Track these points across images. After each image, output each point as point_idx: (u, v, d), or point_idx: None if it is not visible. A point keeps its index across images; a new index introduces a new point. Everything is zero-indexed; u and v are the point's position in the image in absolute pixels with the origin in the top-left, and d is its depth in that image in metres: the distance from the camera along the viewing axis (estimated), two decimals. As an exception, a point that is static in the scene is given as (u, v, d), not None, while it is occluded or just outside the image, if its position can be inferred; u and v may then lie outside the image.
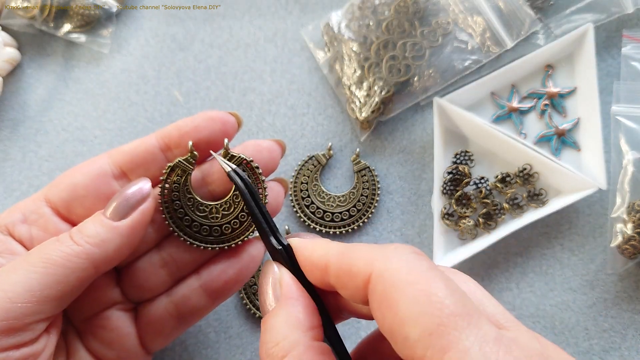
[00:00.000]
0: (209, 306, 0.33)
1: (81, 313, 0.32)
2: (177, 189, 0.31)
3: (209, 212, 0.31)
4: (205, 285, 0.32)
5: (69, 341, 0.31)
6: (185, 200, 0.31)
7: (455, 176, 0.41)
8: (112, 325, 0.32)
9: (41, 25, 0.45)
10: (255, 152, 0.32)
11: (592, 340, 0.39)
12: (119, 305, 0.32)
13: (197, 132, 0.31)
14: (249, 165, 0.31)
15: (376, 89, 0.42)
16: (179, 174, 0.31)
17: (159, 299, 0.33)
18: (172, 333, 0.33)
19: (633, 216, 0.38)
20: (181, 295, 0.32)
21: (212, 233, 0.32)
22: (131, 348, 0.32)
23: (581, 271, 0.40)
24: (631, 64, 0.41)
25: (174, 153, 0.32)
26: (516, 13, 0.42)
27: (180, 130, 0.31)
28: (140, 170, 0.31)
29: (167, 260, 0.32)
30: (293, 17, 0.46)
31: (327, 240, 0.25)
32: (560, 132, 0.42)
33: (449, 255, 0.40)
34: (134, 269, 0.32)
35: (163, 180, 0.31)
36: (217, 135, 0.31)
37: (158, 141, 0.32)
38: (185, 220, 0.31)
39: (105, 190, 0.30)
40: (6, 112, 0.45)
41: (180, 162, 0.31)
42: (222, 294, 0.32)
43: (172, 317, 0.32)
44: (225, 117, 0.32)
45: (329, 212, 0.42)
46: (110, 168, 0.31)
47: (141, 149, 0.31)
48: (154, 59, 0.46)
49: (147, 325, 0.32)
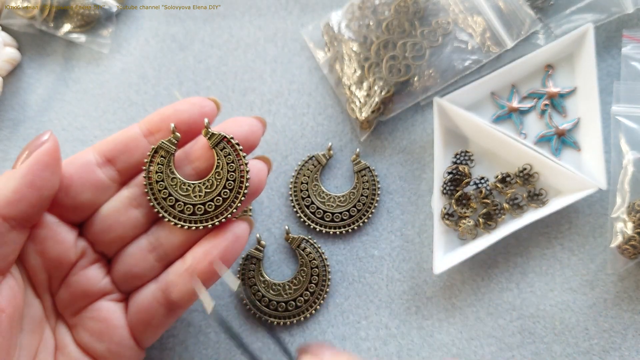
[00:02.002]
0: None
1: (72, 305, 0.32)
2: (160, 169, 0.32)
3: (192, 190, 0.32)
4: (190, 268, 0.32)
5: (58, 336, 0.31)
6: (169, 180, 0.32)
7: (455, 176, 0.41)
8: (102, 317, 0.32)
9: (41, 25, 0.45)
10: (236, 128, 0.33)
11: (592, 340, 0.39)
12: (109, 295, 0.32)
13: (177, 116, 0.32)
14: (230, 143, 0.32)
15: (376, 89, 0.42)
16: (162, 155, 0.32)
17: (147, 286, 0.33)
18: (162, 323, 0.33)
19: (633, 216, 0.38)
20: (168, 280, 0.32)
21: (196, 212, 0.32)
22: (122, 340, 0.32)
23: (581, 271, 0.41)
24: (631, 64, 0.41)
25: (156, 137, 0.32)
26: (516, 13, 0.42)
27: (161, 115, 0.32)
28: (124, 156, 0.32)
29: (155, 245, 0.32)
30: (293, 17, 0.46)
31: None
32: (560, 132, 0.42)
33: (449, 255, 0.40)
34: (124, 255, 0.32)
35: (147, 163, 0.32)
36: (196, 118, 0.32)
37: (141, 127, 0.32)
38: (169, 200, 0.32)
39: (90, 178, 0.31)
40: (6, 112, 0.45)
41: (164, 143, 0.32)
42: (209, 275, 0.32)
43: (160, 304, 0.32)
44: (205, 102, 0.33)
45: (329, 212, 0.42)
46: (95, 157, 0.31)
47: (124, 136, 0.32)
48: (154, 59, 0.46)
49: (136, 314, 0.32)
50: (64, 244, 0.31)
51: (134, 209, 0.32)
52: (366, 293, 0.41)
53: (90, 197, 0.31)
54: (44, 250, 0.30)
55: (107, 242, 0.32)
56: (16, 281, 0.29)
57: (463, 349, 0.39)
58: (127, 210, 0.32)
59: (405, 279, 0.41)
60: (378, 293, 0.41)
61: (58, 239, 0.30)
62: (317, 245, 0.41)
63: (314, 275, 0.40)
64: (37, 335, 0.30)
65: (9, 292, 0.28)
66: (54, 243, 0.30)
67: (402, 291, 0.41)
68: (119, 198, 0.32)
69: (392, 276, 0.41)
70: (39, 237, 0.30)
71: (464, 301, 0.41)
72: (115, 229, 0.32)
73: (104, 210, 0.32)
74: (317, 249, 0.41)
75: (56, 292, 0.32)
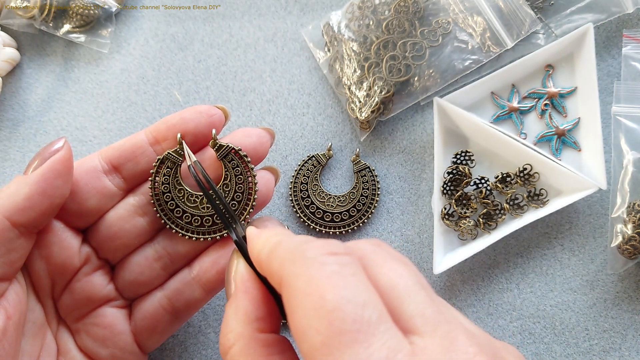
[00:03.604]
0: (202, 299, 0.33)
1: (75, 311, 0.31)
2: (167, 181, 0.31)
3: (199, 202, 0.32)
4: (198, 277, 0.32)
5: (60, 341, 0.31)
6: (176, 192, 0.32)
7: (455, 176, 0.41)
8: (106, 323, 0.32)
9: (40, 25, 0.45)
10: (244, 139, 0.32)
11: (592, 340, 0.39)
12: (113, 302, 0.32)
13: (184, 125, 0.31)
14: (238, 154, 0.31)
15: (376, 89, 0.42)
16: (168, 166, 0.31)
17: (153, 294, 0.33)
18: (167, 329, 0.33)
19: (633, 216, 0.38)
20: (174, 288, 0.32)
21: (204, 223, 0.32)
22: (126, 346, 0.32)
23: (581, 271, 0.40)
24: (631, 64, 0.41)
25: (162, 147, 0.32)
26: (516, 13, 0.42)
27: (167, 124, 0.32)
28: (130, 164, 0.31)
29: (161, 254, 0.32)
30: (293, 17, 0.46)
31: (277, 232, 0.24)
32: (560, 132, 0.42)
33: (449, 255, 0.40)
34: (128, 263, 0.32)
35: (153, 174, 0.31)
36: (204, 127, 0.32)
37: (147, 136, 0.32)
38: (177, 212, 0.32)
39: (96, 185, 0.31)
40: (5, 112, 0.45)
41: (170, 154, 0.31)
42: (216, 285, 0.32)
43: (166, 311, 0.32)
44: (212, 110, 0.32)
45: (329, 212, 0.42)
46: (101, 164, 0.31)
47: (130, 143, 0.32)
48: (153, 59, 0.46)
49: (141, 321, 0.32)
50: (69, 249, 0.31)
51: (139, 217, 0.32)
52: (366, 293, 0.41)
53: (95, 203, 0.31)
54: (48, 255, 0.30)
55: (111, 249, 0.32)
56: (21, 287, 0.29)
57: (463, 349, 0.39)
58: (132, 218, 0.32)
59: (405, 279, 0.41)
60: (378, 293, 0.41)
61: (63, 245, 0.30)
62: (317, 246, 0.41)
63: (313, 275, 0.40)
64: (38, 340, 0.30)
65: (15, 298, 0.28)
66: (59, 248, 0.30)
67: (402, 291, 0.41)
68: (125, 206, 0.32)
69: (392, 276, 0.41)
70: (44, 242, 0.30)
71: (464, 301, 0.40)
72: (120, 236, 0.32)
73: (109, 217, 0.31)
74: (317, 249, 0.41)
75: (59, 297, 0.31)
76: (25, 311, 0.29)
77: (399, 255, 0.23)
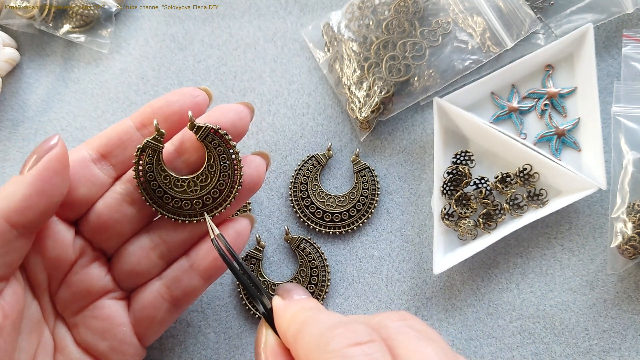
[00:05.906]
0: (201, 286, 0.33)
1: (73, 305, 0.32)
2: (150, 169, 0.31)
3: (186, 186, 0.32)
4: (195, 264, 0.32)
5: (57, 336, 0.31)
6: (161, 178, 0.31)
7: (455, 176, 0.41)
8: (105, 315, 0.32)
9: (40, 25, 0.45)
10: (222, 117, 0.32)
11: (592, 340, 0.39)
12: (111, 293, 0.32)
13: (169, 107, 0.31)
14: (217, 133, 0.31)
15: (376, 89, 0.42)
16: (149, 154, 0.31)
17: (152, 283, 0.33)
18: (166, 319, 0.33)
19: (633, 216, 0.38)
20: (173, 277, 0.32)
21: (194, 206, 0.32)
22: (125, 338, 0.32)
23: (581, 272, 0.40)
24: (631, 64, 0.41)
25: (149, 130, 0.32)
26: (516, 13, 0.42)
27: (153, 107, 0.32)
28: (118, 150, 0.31)
29: (157, 242, 0.32)
30: (293, 17, 0.46)
31: (302, 306, 0.25)
32: (560, 132, 0.42)
33: (449, 255, 0.40)
34: (125, 254, 0.32)
35: (135, 163, 0.31)
36: (189, 109, 0.31)
37: (133, 121, 0.32)
38: (166, 198, 0.32)
39: (85, 174, 0.31)
40: (5, 113, 0.45)
41: (149, 142, 0.31)
42: (213, 272, 0.32)
43: (165, 300, 0.32)
44: (196, 92, 0.32)
45: (329, 212, 0.42)
46: (88, 153, 0.31)
47: (116, 130, 0.32)
48: (153, 59, 0.46)
49: (140, 311, 0.32)
50: (63, 242, 0.31)
51: (128, 206, 0.32)
52: (366, 293, 0.41)
53: (86, 192, 0.31)
54: (43, 249, 0.30)
55: (104, 239, 0.32)
56: (19, 284, 0.29)
57: (463, 349, 0.39)
58: (121, 206, 0.32)
59: (405, 279, 0.41)
60: (378, 293, 0.41)
61: (56, 238, 0.30)
62: (317, 246, 0.41)
63: (313, 275, 0.40)
64: (35, 337, 0.30)
65: (13, 297, 0.28)
66: (53, 242, 0.30)
67: (401, 291, 0.41)
68: (112, 194, 0.32)
69: (391, 276, 0.41)
70: (38, 236, 0.30)
71: (463, 301, 0.40)
72: (112, 225, 0.32)
73: (98, 207, 0.31)
74: (317, 249, 0.41)
75: (55, 292, 0.31)
76: (22, 309, 0.29)
77: (427, 329, 0.22)
